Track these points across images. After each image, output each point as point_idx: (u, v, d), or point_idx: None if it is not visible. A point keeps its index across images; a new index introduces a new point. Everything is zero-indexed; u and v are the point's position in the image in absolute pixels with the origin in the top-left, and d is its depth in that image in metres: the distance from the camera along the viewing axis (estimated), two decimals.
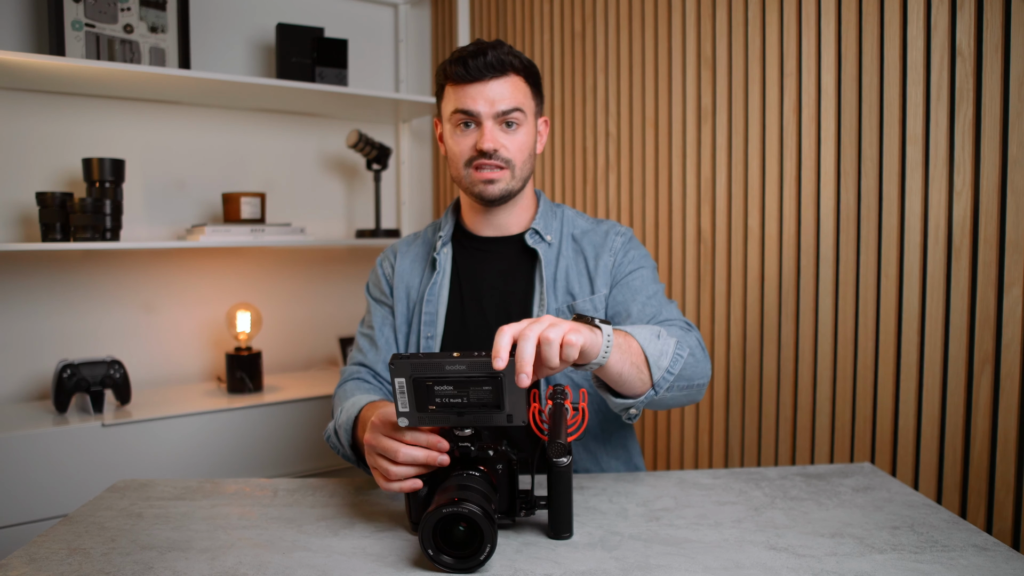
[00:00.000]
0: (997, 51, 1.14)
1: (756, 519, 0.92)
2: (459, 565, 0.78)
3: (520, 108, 1.14)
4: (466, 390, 0.81)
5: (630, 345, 0.92)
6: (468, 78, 1.12)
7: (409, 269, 1.27)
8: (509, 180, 1.15)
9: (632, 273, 1.18)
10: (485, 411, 0.83)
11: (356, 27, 2.33)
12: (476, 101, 1.12)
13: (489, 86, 1.12)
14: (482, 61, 1.11)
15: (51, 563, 0.81)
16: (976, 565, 0.78)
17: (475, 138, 1.13)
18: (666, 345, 0.97)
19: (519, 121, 1.14)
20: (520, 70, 1.15)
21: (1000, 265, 1.16)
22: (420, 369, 0.80)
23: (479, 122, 1.13)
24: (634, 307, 1.15)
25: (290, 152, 2.23)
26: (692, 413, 1.69)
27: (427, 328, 1.21)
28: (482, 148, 1.12)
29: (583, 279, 1.19)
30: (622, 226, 1.24)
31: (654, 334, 0.97)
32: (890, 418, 1.31)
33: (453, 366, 0.80)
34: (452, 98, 1.15)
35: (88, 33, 1.78)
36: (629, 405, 0.96)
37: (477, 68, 1.11)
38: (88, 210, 1.69)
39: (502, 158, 1.14)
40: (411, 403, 0.82)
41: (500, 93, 1.12)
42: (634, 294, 1.16)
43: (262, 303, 2.16)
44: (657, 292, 1.18)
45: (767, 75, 1.49)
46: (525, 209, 1.23)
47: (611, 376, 0.90)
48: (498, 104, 1.12)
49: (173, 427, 1.71)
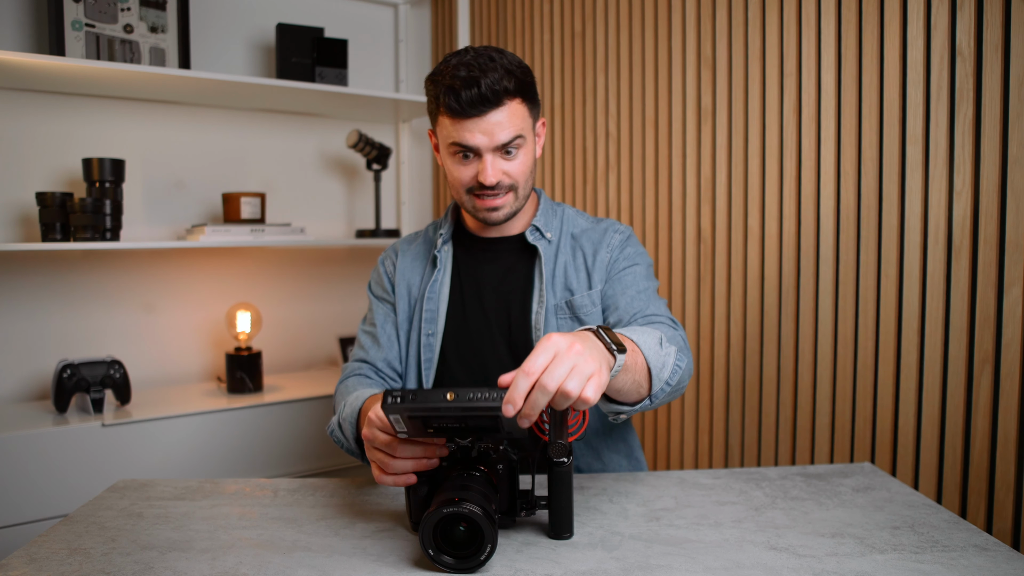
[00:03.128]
0: (997, 51, 1.14)
1: (756, 519, 0.92)
2: (459, 565, 0.78)
3: (520, 135, 1.10)
4: (463, 421, 0.80)
5: (636, 361, 0.89)
6: (463, 113, 1.06)
7: (410, 267, 1.27)
8: (513, 202, 1.14)
9: (626, 269, 1.18)
10: (483, 432, 0.83)
11: (356, 27, 2.33)
12: (474, 135, 1.07)
13: (486, 119, 1.06)
14: (476, 94, 1.04)
15: (51, 563, 0.81)
16: (976, 565, 0.78)
17: (475, 169, 1.10)
18: (667, 356, 0.94)
19: (520, 145, 1.11)
20: (515, 92, 1.07)
21: (1000, 265, 1.16)
22: (413, 412, 0.78)
23: (479, 154, 1.09)
24: (622, 300, 1.14)
25: (290, 152, 2.23)
26: (692, 413, 1.69)
27: (428, 325, 1.21)
28: (484, 183, 1.09)
29: (581, 274, 1.19)
30: (621, 224, 1.24)
31: (656, 341, 0.94)
32: (890, 418, 1.32)
33: (448, 410, 0.76)
34: (448, 127, 1.09)
35: (88, 33, 1.78)
36: (621, 411, 0.94)
37: (471, 102, 1.05)
38: (88, 210, 1.69)
39: (505, 186, 1.12)
40: (407, 428, 0.82)
41: (498, 125, 1.07)
42: (624, 288, 1.15)
43: (262, 303, 2.16)
44: (647, 288, 1.17)
45: (767, 75, 1.50)
46: (524, 211, 1.23)
47: (610, 390, 0.88)
48: (497, 136, 1.07)
49: (173, 427, 1.71)
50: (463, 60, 1.07)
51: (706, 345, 1.65)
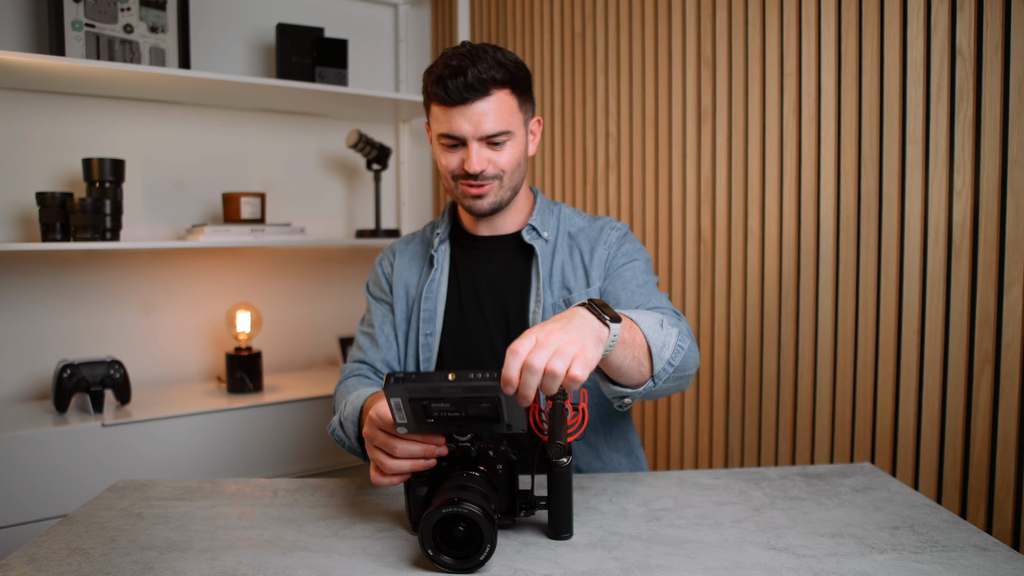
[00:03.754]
0: (997, 51, 1.14)
1: (756, 519, 0.92)
2: (459, 565, 0.78)
3: (505, 130, 1.10)
4: (464, 406, 0.81)
5: (635, 337, 0.89)
6: (449, 101, 1.08)
7: (407, 267, 1.28)
8: (497, 191, 1.15)
9: (625, 265, 1.18)
10: (484, 423, 0.83)
11: (356, 27, 2.33)
12: (460, 125, 1.09)
13: (472, 108, 1.08)
14: (462, 82, 1.06)
15: (51, 563, 0.81)
16: (976, 565, 0.78)
17: (462, 156, 1.12)
18: (668, 336, 0.94)
19: (506, 139, 1.12)
20: (505, 82, 1.09)
21: (1000, 265, 1.16)
22: (415, 392, 0.79)
23: (465, 142, 1.11)
24: (623, 295, 1.15)
25: (290, 152, 2.23)
26: (692, 413, 1.69)
27: (426, 325, 1.21)
28: (469, 171, 1.10)
29: (579, 272, 1.19)
30: (618, 222, 1.25)
31: (657, 322, 0.94)
32: (890, 418, 1.31)
33: (450, 390, 0.78)
34: (438, 116, 1.12)
35: (88, 33, 1.78)
36: (625, 394, 0.93)
37: (457, 90, 1.06)
38: (88, 210, 1.69)
39: (489, 176, 1.13)
40: (408, 417, 0.82)
41: (484, 115, 1.08)
42: (624, 284, 1.16)
43: (262, 303, 2.16)
44: (648, 282, 1.17)
45: (767, 75, 1.49)
46: (520, 210, 1.23)
47: (610, 368, 0.89)
48: (483, 127, 1.09)
49: (173, 427, 1.71)
50: (457, 51, 1.10)
51: (706, 345, 1.65)
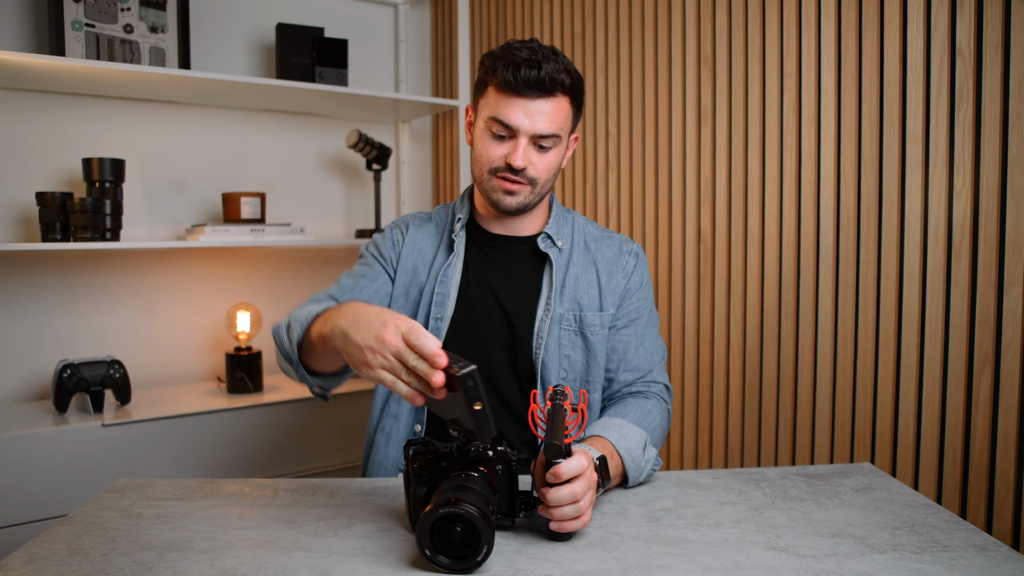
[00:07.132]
0: (997, 51, 1.14)
1: (756, 519, 0.92)
2: (456, 566, 0.78)
3: (558, 134, 1.11)
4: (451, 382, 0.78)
5: (616, 471, 1.00)
6: (515, 89, 1.08)
7: (421, 244, 1.25)
8: (528, 194, 1.14)
9: (639, 318, 1.22)
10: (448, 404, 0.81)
11: (356, 27, 2.33)
12: (517, 116, 1.08)
13: (535, 104, 1.08)
14: (534, 76, 1.06)
15: (51, 563, 0.81)
16: (976, 565, 0.78)
17: (507, 150, 1.11)
18: (647, 463, 1.04)
19: (554, 144, 1.12)
20: (568, 89, 1.10)
21: (1000, 265, 1.16)
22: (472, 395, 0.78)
23: (514, 136, 1.10)
24: (634, 358, 1.20)
25: (290, 152, 2.23)
26: (692, 413, 1.69)
27: (437, 309, 1.19)
28: (512, 164, 1.10)
29: (592, 292, 1.20)
30: (633, 242, 1.26)
31: (640, 446, 1.04)
32: (890, 418, 1.31)
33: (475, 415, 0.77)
34: (493, 101, 1.10)
35: (88, 33, 1.78)
36: None
37: (527, 83, 1.07)
38: (88, 210, 1.69)
39: (528, 176, 1.12)
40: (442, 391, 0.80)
41: (542, 115, 1.09)
42: (639, 341, 1.21)
43: (262, 303, 2.16)
44: (656, 344, 1.23)
45: (767, 75, 1.49)
46: (538, 214, 1.23)
47: None
48: (538, 126, 1.09)
49: (173, 427, 1.71)
50: (528, 45, 1.11)
51: (706, 345, 1.65)
